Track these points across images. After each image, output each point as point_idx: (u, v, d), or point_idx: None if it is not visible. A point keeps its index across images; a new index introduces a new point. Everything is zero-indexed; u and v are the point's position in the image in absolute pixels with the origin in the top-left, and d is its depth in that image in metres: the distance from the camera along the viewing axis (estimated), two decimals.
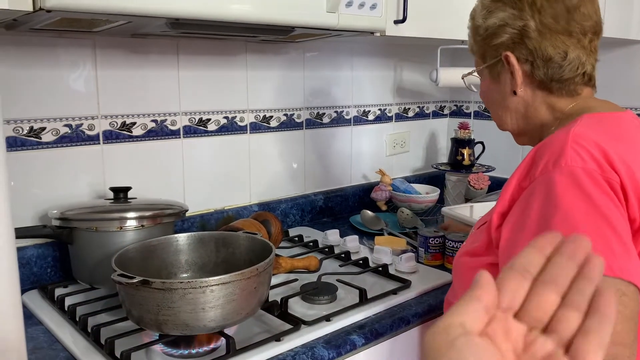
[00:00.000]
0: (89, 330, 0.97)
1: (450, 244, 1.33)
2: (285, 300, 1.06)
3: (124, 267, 0.93)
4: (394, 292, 1.16)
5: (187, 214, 1.40)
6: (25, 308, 1.11)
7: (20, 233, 1.10)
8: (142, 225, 1.11)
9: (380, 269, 1.27)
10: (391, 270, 1.28)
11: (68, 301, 1.09)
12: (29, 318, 1.07)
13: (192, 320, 0.88)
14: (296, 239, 1.50)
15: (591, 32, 0.88)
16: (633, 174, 0.73)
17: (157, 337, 0.94)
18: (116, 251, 1.00)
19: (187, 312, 0.87)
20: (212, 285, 0.87)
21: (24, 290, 1.18)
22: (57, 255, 1.24)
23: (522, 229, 0.74)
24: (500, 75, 0.92)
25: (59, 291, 1.15)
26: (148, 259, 1.06)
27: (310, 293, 1.13)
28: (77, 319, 1.01)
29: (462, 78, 1.06)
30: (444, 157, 2.13)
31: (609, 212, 0.70)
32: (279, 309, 1.05)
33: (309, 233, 1.57)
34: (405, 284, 1.20)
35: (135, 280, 0.86)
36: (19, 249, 1.20)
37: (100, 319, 1.01)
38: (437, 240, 1.35)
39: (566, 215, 0.69)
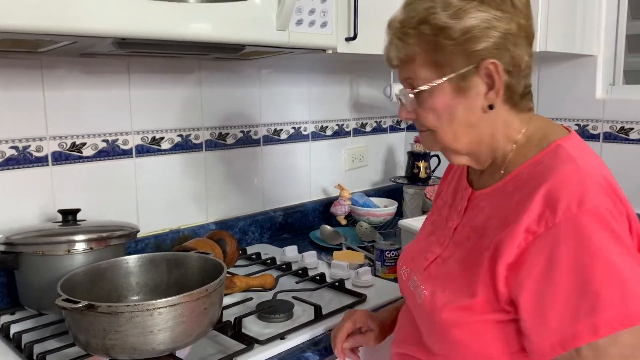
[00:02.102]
0: (34, 358, 0.94)
1: None
2: (239, 319, 1.05)
3: (72, 291, 0.91)
4: (350, 306, 1.16)
5: (141, 235, 1.38)
6: None
7: None
8: (91, 248, 1.09)
9: (337, 284, 1.27)
10: (347, 285, 1.28)
11: (13, 329, 1.05)
12: None
13: (141, 344, 0.86)
14: (254, 256, 1.49)
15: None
16: (626, 199, 0.72)
17: None
18: (64, 275, 0.98)
19: (134, 336, 0.85)
20: (159, 308, 0.86)
21: None
22: (3, 281, 1.20)
23: (552, 282, 0.67)
24: (471, 89, 0.76)
25: (4, 319, 1.11)
26: (97, 283, 1.03)
27: (265, 311, 1.12)
28: (22, 347, 0.98)
29: (398, 97, 0.84)
30: (402, 171, 2.16)
31: (634, 251, 0.69)
32: (233, 329, 1.04)
33: (267, 250, 1.56)
34: (360, 298, 1.20)
35: (80, 305, 0.84)
36: None
37: (47, 346, 0.99)
38: (392, 254, 1.36)
39: (607, 262, 0.65)
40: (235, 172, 1.64)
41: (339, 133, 1.93)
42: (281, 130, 1.75)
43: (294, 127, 1.79)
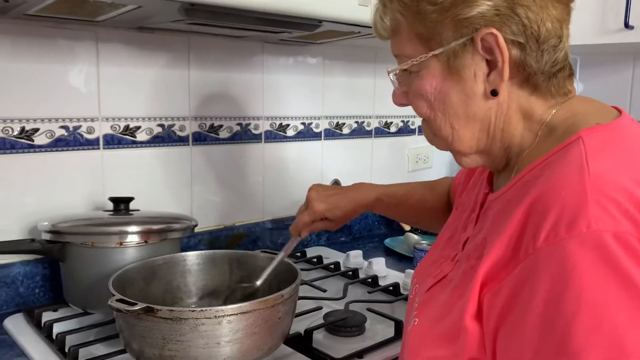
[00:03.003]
0: None
1: None
2: (310, 332, 0.91)
3: (123, 290, 0.79)
4: None
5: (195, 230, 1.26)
6: (7, 335, 0.96)
7: (4, 248, 0.95)
8: (145, 242, 0.96)
9: None
10: None
11: (57, 328, 0.93)
12: (11, 347, 0.92)
13: (205, 357, 0.73)
14: (314, 260, 1.35)
15: None
16: None
17: None
18: (115, 271, 0.86)
19: (198, 347, 0.72)
20: (229, 315, 0.72)
21: (7, 314, 1.03)
22: (47, 274, 1.09)
23: (521, 342, 0.49)
24: (465, 68, 0.59)
25: (46, 316, 0.99)
26: (151, 282, 0.91)
27: (336, 323, 0.98)
28: (67, 351, 0.85)
29: (389, 74, 0.67)
30: None
31: None
32: (303, 343, 0.90)
33: (328, 254, 1.42)
34: None
35: (137, 308, 0.71)
36: (3, 266, 1.05)
37: (93, 351, 0.86)
38: None
39: (599, 314, 0.45)
40: (294, 166, 1.50)
41: (404, 130, 1.78)
42: (344, 124, 1.61)
43: (356, 122, 1.64)
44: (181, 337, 0.71)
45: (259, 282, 0.91)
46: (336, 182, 1.05)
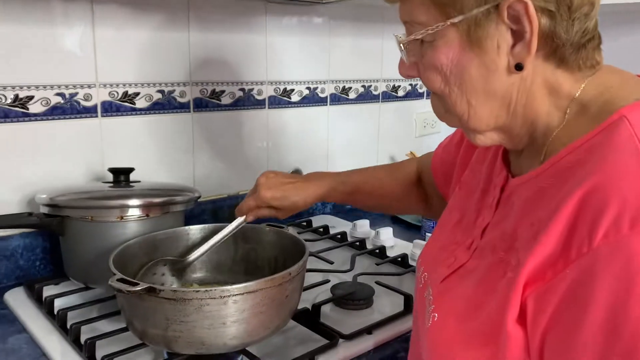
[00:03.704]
0: (82, 343, 0.79)
1: None
2: (317, 307, 0.89)
3: (124, 266, 0.77)
4: None
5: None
6: (7, 310, 0.94)
7: (1, 222, 0.92)
8: (147, 215, 0.93)
9: None
10: None
11: (58, 303, 0.91)
12: (12, 323, 0.90)
13: (210, 338, 0.70)
14: (321, 230, 1.32)
15: None
16: None
17: (166, 357, 0.77)
18: (115, 246, 0.83)
19: (203, 328, 0.69)
20: (235, 295, 0.69)
21: (7, 287, 1.01)
22: (47, 246, 1.07)
23: (577, 349, 0.45)
24: (487, 39, 0.52)
25: (47, 290, 0.97)
26: (153, 256, 0.88)
27: (344, 297, 0.95)
28: (69, 328, 0.83)
29: (399, 44, 0.58)
30: None
31: None
32: (311, 318, 0.88)
33: (334, 223, 1.39)
34: None
35: (138, 288, 0.68)
36: (2, 239, 1.02)
37: (97, 328, 0.85)
38: None
39: None
40: (300, 132, 1.46)
41: (411, 94, 1.72)
42: (350, 88, 1.55)
43: (363, 86, 1.59)
44: (185, 318, 0.69)
45: (191, 258, 0.87)
46: (297, 171, 1.00)
